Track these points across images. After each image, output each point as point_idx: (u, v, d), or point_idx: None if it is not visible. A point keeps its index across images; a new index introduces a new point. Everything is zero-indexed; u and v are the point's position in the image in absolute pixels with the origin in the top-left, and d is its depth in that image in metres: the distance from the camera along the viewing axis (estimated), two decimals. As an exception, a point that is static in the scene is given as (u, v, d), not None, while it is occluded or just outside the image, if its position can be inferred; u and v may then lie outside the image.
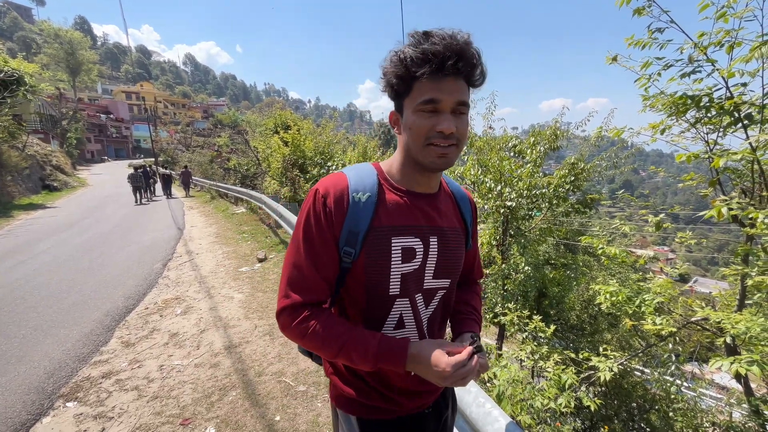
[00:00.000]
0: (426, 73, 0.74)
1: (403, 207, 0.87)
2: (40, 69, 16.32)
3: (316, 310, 0.84)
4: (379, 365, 0.79)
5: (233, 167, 18.90)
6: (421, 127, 0.78)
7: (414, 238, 0.86)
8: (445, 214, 0.93)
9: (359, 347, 0.79)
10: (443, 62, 0.73)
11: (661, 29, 2.51)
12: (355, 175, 0.87)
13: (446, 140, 0.78)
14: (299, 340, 0.84)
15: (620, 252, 3.46)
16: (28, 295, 4.70)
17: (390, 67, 0.79)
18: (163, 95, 72.56)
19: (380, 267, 0.84)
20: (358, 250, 0.82)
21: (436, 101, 0.76)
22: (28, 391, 2.81)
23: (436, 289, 0.93)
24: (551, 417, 3.58)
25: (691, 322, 2.89)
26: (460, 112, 0.79)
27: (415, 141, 0.80)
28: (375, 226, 0.83)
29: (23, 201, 13.55)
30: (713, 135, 2.68)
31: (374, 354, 0.79)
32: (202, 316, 4.20)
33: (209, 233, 8.75)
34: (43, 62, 30.93)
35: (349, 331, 0.81)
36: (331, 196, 0.83)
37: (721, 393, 9.22)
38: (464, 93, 0.78)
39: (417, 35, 0.76)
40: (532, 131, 6.12)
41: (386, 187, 0.88)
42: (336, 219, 0.82)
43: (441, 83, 0.75)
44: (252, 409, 2.63)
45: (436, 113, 0.77)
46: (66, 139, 28.99)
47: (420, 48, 0.73)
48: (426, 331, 0.94)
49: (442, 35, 0.74)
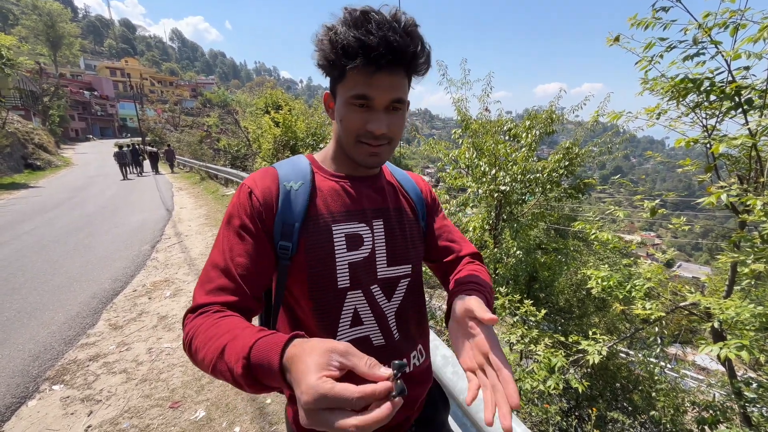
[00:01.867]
0: (359, 65, 0.65)
1: (341, 192, 0.81)
2: (17, 42, 15.60)
3: (218, 308, 0.67)
4: (257, 374, 0.51)
5: (223, 148, 18.56)
6: (351, 122, 0.72)
7: (358, 224, 0.80)
8: (388, 194, 0.87)
9: (235, 350, 0.54)
10: (377, 57, 0.64)
11: (666, 8, 2.43)
12: (285, 167, 0.81)
13: (378, 140, 0.73)
14: (187, 349, 0.64)
15: (612, 237, 3.47)
16: (12, 276, 4.58)
17: (322, 46, 0.69)
18: (150, 72, 70.24)
19: (323, 258, 0.76)
20: (295, 244, 0.74)
21: (368, 98, 0.69)
22: (13, 374, 2.75)
23: (397, 278, 0.84)
24: (539, 398, 3.66)
25: (680, 306, 2.93)
26: (394, 109, 0.72)
27: (346, 136, 0.75)
28: (312, 215, 0.76)
29: (5, 180, 13.15)
30: (712, 120, 2.65)
31: (244, 357, 0.52)
32: (191, 298, 4.14)
33: (199, 215, 8.61)
34: (21, 35, 29.69)
35: (234, 330, 0.58)
36: (258, 188, 0.75)
37: (701, 374, 9.59)
38: (400, 89, 0.70)
39: (353, 15, 0.65)
40: (527, 114, 6.04)
41: (320, 174, 0.82)
42: (266, 213, 0.74)
43: (374, 78, 0.67)
44: (242, 392, 2.62)
45: (368, 109, 0.71)
46: (48, 117, 28.04)
47: (353, 34, 0.64)
48: (396, 328, 0.84)
49: (381, 22, 0.64)
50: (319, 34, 0.70)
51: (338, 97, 0.74)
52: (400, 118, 0.74)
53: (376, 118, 0.71)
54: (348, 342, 0.73)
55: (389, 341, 0.83)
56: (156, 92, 63.61)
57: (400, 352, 0.85)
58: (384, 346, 0.83)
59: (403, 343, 0.86)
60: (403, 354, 0.85)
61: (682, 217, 2.74)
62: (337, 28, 0.66)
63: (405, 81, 0.72)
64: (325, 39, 0.69)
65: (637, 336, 4.97)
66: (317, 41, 0.71)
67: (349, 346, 0.47)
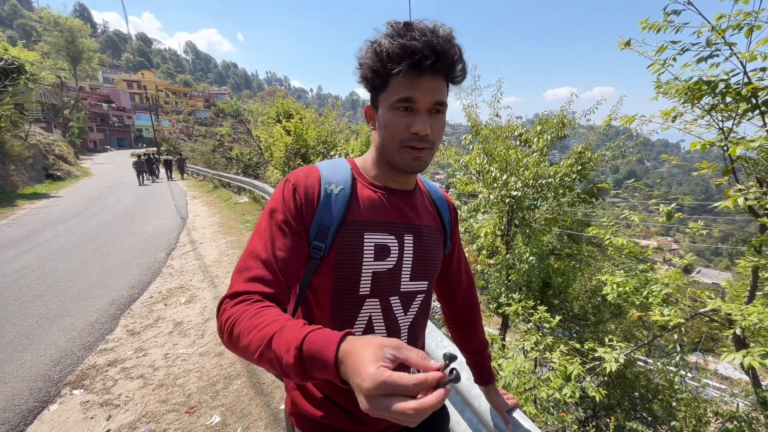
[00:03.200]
0: (403, 71, 0.69)
1: (378, 203, 0.82)
2: (40, 57, 16.24)
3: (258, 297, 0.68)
4: (306, 366, 0.54)
5: (235, 157, 18.85)
6: (395, 126, 0.74)
7: (388, 235, 0.82)
8: (421, 212, 0.89)
9: (284, 340, 0.56)
10: (421, 60, 0.68)
11: (677, 11, 2.42)
12: (328, 168, 0.83)
13: (421, 142, 0.74)
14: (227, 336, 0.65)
15: (627, 242, 3.42)
16: (34, 283, 4.72)
17: (366, 59, 0.74)
18: (165, 84, 72.14)
19: (350, 263, 0.78)
20: (328, 246, 0.77)
21: (412, 100, 0.72)
22: (35, 378, 2.83)
23: (415, 293, 0.87)
24: (554, 407, 3.59)
25: (699, 313, 2.86)
26: (437, 112, 0.75)
27: (390, 141, 0.76)
28: (348, 220, 0.79)
29: (27, 190, 13.58)
30: (728, 123, 2.60)
31: (296, 347, 0.54)
32: (206, 305, 4.21)
33: (212, 222, 8.75)
34: (43, 50, 30.85)
35: (284, 322, 0.60)
36: (302, 186, 0.79)
37: (724, 383, 9.25)
38: (442, 92, 0.74)
39: (397, 26, 0.71)
40: (538, 119, 6.01)
41: (360, 182, 0.84)
42: (306, 211, 0.77)
43: (418, 81, 0.71)
44: (257, 397, 2.64)
45: (412, 113, 0.73)
46: (68, 129, 28.96)
47: (398, 42, 0.68)
48: (407, 341, 0.88)
49: (423, 29, 0.69)
50: (362, 48, 0.75)
51: (381, 106, 0.76)
52: (442, 122, 0.77)
53: (420, 120, 0.73)
54: None
55: None
56: (171, 103, 65.23)
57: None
58: None
59: None
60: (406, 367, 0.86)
61: (699, 221, 2.69)
62: (381, 40, 0.71)
63: (445, 86, 0.75)
64: (369, 51, 0.73)
65: (655, 344, 4.84)
66: (360, 56, 0.75)
67: (399, 341, 0.51)
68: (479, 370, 1.13)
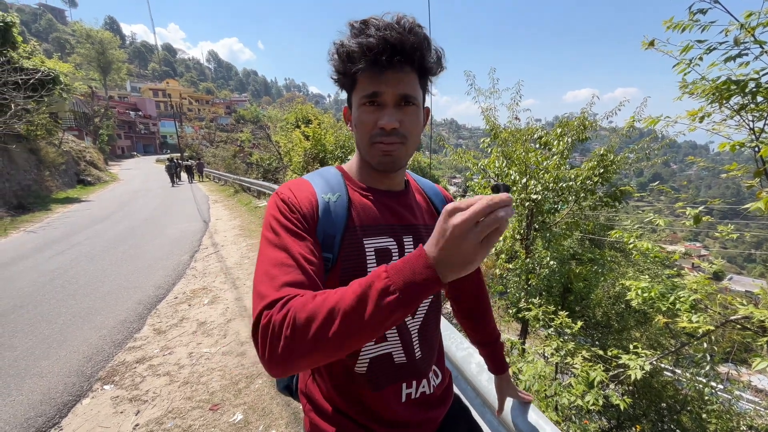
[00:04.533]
0: (363, 69, 0.69)
1: (370, 207, 0.80)
2: (73, 68, 17.09)
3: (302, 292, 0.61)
4: (404, 289, 0.51)
5: (255, 162, 19.29)
6: (364, 123, 0.73)
7: (387, 238, 0.79)
8: (417, 211, 0.87)
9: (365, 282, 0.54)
10: (378, 56, 0.67)
11: (703, 10, 2.36)
12: (317, 179, 0.80)
13: (388, 137, 0.73)
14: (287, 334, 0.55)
15: (653, 247, 3.32)
16: (67, 283, 4.95)
17: (333, 62, 0.74)
18: (188, 92, 74.50)
19: (354, 272, 0.75)
20: (335, 255, 0.74)
21: (377, 94, 0.71)
22: (69, 374, 2.97)
23: None
24: (576, 414, 3.50)
25: (730, 320, 2.75)
26: (406, 104, 0.73)
27: (361, 139, 0.76)
28: (349, 227, 0.76)
29: (60, 195, 14.26)
30: (759, 123, 2.51)
31: (384, 270, 0.54)
32: (228, 306, 4.32)
33: (233, 226, 8.96)
34: (76, 62, 32.41)
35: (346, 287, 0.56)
36: (298, 197, 0.74)
37: (758, 396, 8.79)
38: (409, 85, 0.72)
39: (355, 26, 0.70)
40: (559, 122, 5.92)
41: (351, 187, 0.82)
42: (309, 221, 0.72)
43: (382, 75, 0.70)
44: (278, 396, 2.69)
45: (379, 107, 0.72)
46: (98, 136, 30.29)
47: (355, 41, 0.68)
48: (419, 345, 0.85)
49: (378, 25, 0.68)
50: (329, 51, 0.75)
51: (353, 104, 0.76)
52: (413, 115, 0.75)
53: (386, 114, 0.72)
54: (371, 358, 0.81)
55: (410, 359, 0.84)
56: (193, 110, 67.27)
57: (419, 370, 0.85)
58: (405, 364, 0.83)
59: (423, 361, 0.87)
60: (422, 373, 0.86)
61: (729, 225, 2.60)
62: (343, 41, 0.71)
63: (414, 78, 0.73)
64: (334, 53, 0.73)
65: (683, 352, 4.66)
66: (329, 58, 0.75)
67: (453, 203, 0.53)
68: (493, 360, 1.13)
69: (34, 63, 13.29)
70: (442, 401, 0.94)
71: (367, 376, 0.80)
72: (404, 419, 0.83)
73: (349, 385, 0.81)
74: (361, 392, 0.81)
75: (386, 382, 0.82)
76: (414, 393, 0.85)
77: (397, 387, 0.83)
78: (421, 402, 0.86)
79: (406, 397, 0.84)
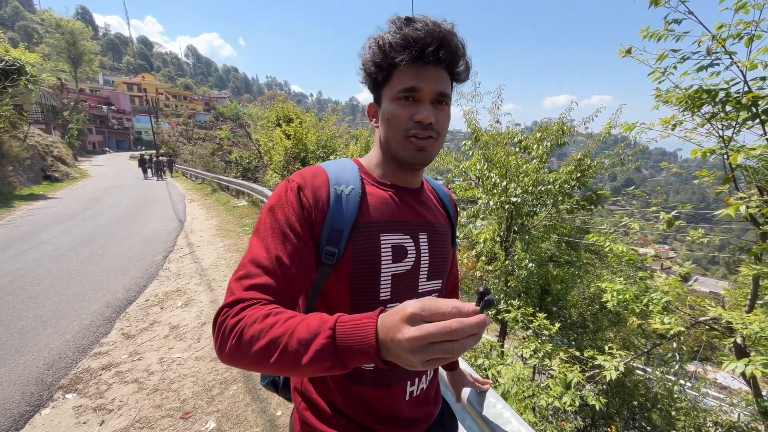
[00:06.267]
0: (406, 60, 0.69)
1: (389, 202, 0.79)
2: (41, 59, 16.22)
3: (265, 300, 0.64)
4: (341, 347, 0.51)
5: (234, 160, 18.86)
6: (399, 117, 0.72)
7: (404, 235, 0.79)
8: (431, 209, 0.87)
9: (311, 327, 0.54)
10: (424, 48, 0.68)
11: (678, 20, 2.44)
12: (335, 168, 0.79)
13: (425, 131, 0.72)
14: (235, 342, 0.57)
15: (628, 250, 3.41)
16: (29, 285, 4.67)
17: (369, 54, 0.74)
18: (165, 87, 72.29)
19: (369, 268, 0.74)
20: (342, 250, 0.72)
21: (416, 89, 0.71)
22: (27, 382, 2.78)
23: (431, 293, 0.85)
24: (553, 415, 3.55)
25: (700, 321, 2.85)
26: (440, 103, 0.74)
27: (393, 132, 0.74)
28: (361, 222, 0.75)
29: (24, 191, 13.52)
30: (728, 131, 2.61)
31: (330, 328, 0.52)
32: (203, 309, 4.17)
33: (210, 226, 8.71)
34: (44, 52, 30.81)
35: (298, 316, 0.58)
36: (308, 187, 0.73)
37: (722, 392, 9.21)
38: (446, 84, 0.74)
39: (399, 21, 0.71)
40: (538, 126, 6.03)
41: (368, 182, 0.81)
42: (316, 215, 0.72)
43: (422, 71, 0.70)
44: (253, 403, 2.60)
45: (416, 102, 0.72)
46: (67, 130, 28.93)
47: (401, 33, 0.69)
48: None
49: (425, 21, 0.69)
50: (365, 46, 0.76)
51: (384, 99, 0.76)
52: (446, 113, 0.76)
53: (423, 108, 0.72)
54: None
55: None
56: (170, 106, 65.30)
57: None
58: None
59: None
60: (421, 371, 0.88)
61: (700, 229, 2.69)
62: (384, 35, 0.72)
63: (448, 79, 0.75)
64: (372, 45, 0.73)
65: (654, 352, 4.82)
66: (363, 53, 0.76)
67: (424, 300, 0.48)
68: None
69: (-2, 52, 12.58)
70: (437, 397, 0.97)
71: (375, 373, 0.81)
72: (408, 416, 0.85)
73: (351, 383, 0.81)
74: (364, 390, 0.81)
75: (395, 380, 0.83)
76: (416, 391, 0.87)
77: (403, 385, 0.84)
78: (421, 399, 0.90)
79: (409, 395, 0.86)
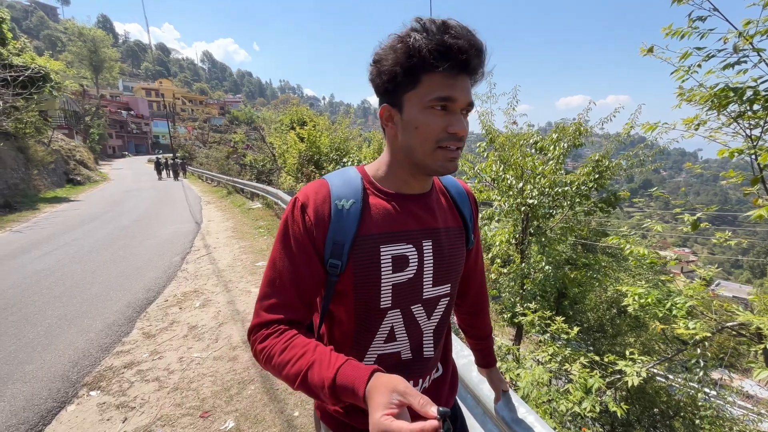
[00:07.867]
0: (444, 68, 0.66)
1: (391, 212, 0.79)
2: (64, 66, 16.78)
3: (282, 327, 0.74)
4: (341, 396, 0.63)
5: (249, 163, 19.14)
6: (432, 127, 0.70)
7: (405, 245, 0.79)
8: (438, 213, 0.85)
9: (318, 376, 0.65)
10: (464, 59, 0.66)
11: (702, 17, 2.37)
12: (337, 181, 0.79)
13: (458, 142, 0.72)
14: (264, 365, 0.73)
15: (649, 252, 3.33)
16: (54, 285, 4.82)
17: (393, 54, 0.68)
18: (182, 92, 73.92)
19: (369, 278, 0.76)
20: (344, 262, 0.75)
21: (452, 99, 0.69)
22: (54, 379, 2.87)
23: (438, 298, 0.86)
24: (572, 421, 3.48)
25: (726, 327, 2.75)
26: (466, 113, 0.73)
27: (422, 142, 0.71)
28: (361, 234, 0.76)
29: (48, 194, 13.98)
30: (756, 130, 2.53)
31: (329, 386, 0.63)
32: (220, 309, 4.23)
33: (226, 228, 8.85)
34: (67, 60, 31.96)
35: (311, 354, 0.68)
36: (311, 205, 0.76)
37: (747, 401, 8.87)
38: (471, 93, 0.74)
39: (431, 24, 0.66)
40: (554, 127, 5.96)
41: (371, 192, 0.80)
42: (317, 231, 0.75)
43: (456, 80, 0.68)
44: (271, 403, 2.62)
45: (449, 113, 0.70)
46: (89, 135, 29.88)
47: (438, 38, 0.65)
48: (433, 344, 0.89)
49: (463, 29, 0.67)
50: (385, 44, 0.71)
51: (411, 105, 0.71)
52: (467, 123, 0.76)
53: (457, 120, 0.71)
54: (379, 355, 0.86)
55: (417, 356, 0.87)
56: (187, 111, 66.74)
57: (423, 366, 0.89)
58: (411, 360, 0.87)
59: (430, 360, 0.90)
60: (426, 369, 0.90)
61: (726, 231, 2.60)
62: (414, 35, 0.66)
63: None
64: (399, 45, 0.68)
65: (676, 358, 4.68)
66: (383, 51, 0.71)
67: (407, 386, 0.57)
68: (484, 354, 1.17)
69: (24, 60, 13.06)
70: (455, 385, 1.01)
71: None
72: None
73: None
74: None
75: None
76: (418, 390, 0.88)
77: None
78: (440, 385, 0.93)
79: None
